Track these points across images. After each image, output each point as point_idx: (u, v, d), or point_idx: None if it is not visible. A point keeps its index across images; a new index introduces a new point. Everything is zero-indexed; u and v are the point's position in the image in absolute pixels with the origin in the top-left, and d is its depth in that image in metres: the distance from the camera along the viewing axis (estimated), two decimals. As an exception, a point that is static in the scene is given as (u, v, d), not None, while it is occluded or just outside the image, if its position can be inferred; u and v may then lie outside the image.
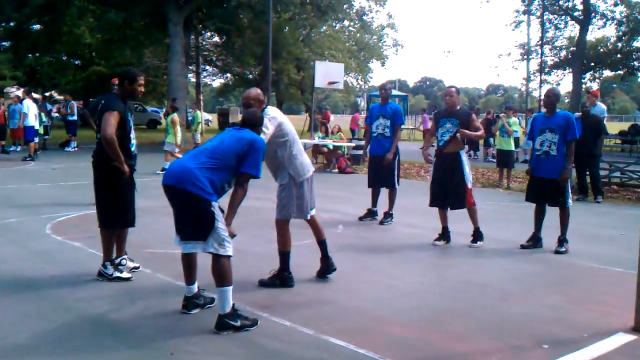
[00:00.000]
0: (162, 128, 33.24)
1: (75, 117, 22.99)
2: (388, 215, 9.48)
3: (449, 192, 7.87)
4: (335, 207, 10.90)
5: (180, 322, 4.82)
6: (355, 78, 54.09)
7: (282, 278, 5.94)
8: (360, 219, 9.66)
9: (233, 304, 4.71)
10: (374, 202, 9.68)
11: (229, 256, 4.75)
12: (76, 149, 22.38)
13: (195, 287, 5.16)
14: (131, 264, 6.21)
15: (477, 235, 7.92)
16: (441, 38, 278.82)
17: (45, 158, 18.78)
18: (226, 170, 4.81)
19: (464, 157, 7.89)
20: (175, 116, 15.90)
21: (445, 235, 7.95)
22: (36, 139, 19.40)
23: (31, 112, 19.30)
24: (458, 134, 7.76)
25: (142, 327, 4.73)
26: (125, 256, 6.16)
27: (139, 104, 43.64)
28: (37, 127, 19.59)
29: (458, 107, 8.03)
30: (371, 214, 9.66)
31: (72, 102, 23.85)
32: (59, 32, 30.48)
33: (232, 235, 4.87)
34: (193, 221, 4.71)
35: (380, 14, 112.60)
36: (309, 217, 6.12)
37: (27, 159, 18.13)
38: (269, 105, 6.02)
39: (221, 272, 4.70)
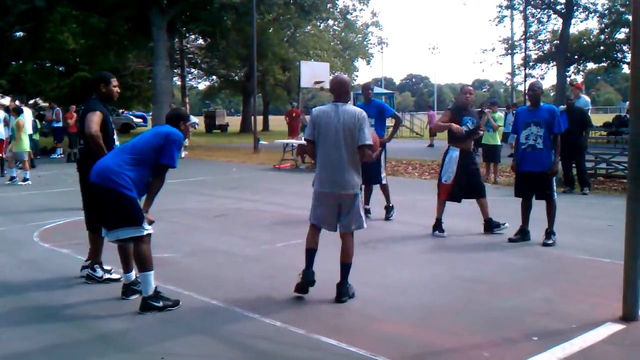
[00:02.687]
0: (136, 132, 33.17)
1: (60, 124, 22.84)
2: (390, 208, 9.50)
3: (470, 184, 8.29)
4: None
5: (171, 326, 4.81)
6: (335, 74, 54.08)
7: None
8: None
9: (156, 287, 5.15)
10: (366, 199, 9.46)
11: (149, 235, 5.16)
12: (62, 155, 22.27)
13: (132, 275, 5.51)
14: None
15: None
16: (426, 35, 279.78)
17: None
18: (147, 165, 5.18)
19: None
20: (20, 120, 14.76)
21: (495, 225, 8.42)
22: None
23: (28, 121, 19.15)
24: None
25: (132, 331, 4.72)
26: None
27: (113, 108, 43.44)
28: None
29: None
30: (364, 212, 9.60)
31: (58, 108, 23.70)
32: (42, 39, 30.28)
33: (151, 222, 5.24)
34: (114, 212, 5.11)
35: (364, 13, 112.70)
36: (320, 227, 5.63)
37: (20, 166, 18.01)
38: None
39: (142, 258, 5.09)
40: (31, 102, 37.77)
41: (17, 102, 19.53)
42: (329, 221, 5.55)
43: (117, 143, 6.04)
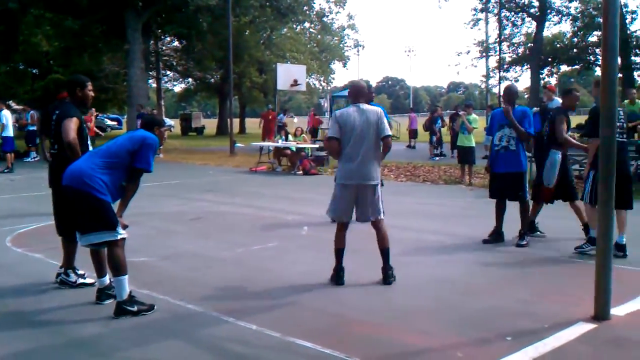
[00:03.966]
0: (109, 135, 32.90)
1: (35, 127, 22.58)
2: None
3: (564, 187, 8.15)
4: (301, 208, 10.93)
5: (146, 330, 4.79)
6: (318, 79, 54.27)
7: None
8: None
9: (130, 291, 5.13)
10: None
11: (123, 239, 5.13)
12: (36, 159, 22.00)
13: (106, 280, 5.49)
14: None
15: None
16: (402, 37, 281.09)
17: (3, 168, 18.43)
18: (121, 169, 5.15)
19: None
20: None
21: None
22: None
23: (10, 123, 18.98)
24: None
25: (106, 336, 4.69)
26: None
27: (83, 111, 43.02)
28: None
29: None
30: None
31: (32, 111, 23.41)
32: (16, 41, 29.93)
33: (125, 227, 5.21)
34: (88, 216, 5.07)
35: (340, 15, 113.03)
36: (342, 220, 6.15)
37: (6, 170, 17.93)
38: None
39: (116, 262, 5.05)
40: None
41: None
42: (348, 212, 6.07)
43: (90, 148, 6.00)
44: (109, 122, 49.31)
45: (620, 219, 6.82)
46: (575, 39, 37.77)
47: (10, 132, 18.95)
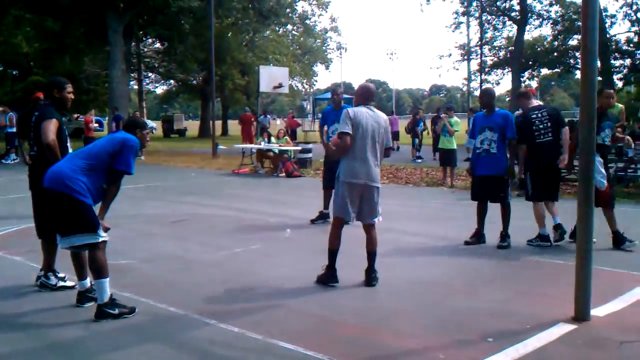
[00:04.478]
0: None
1: (14, 129, 22.33)
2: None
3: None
4: (284, 211, 10.91)
5: (127, 333, 4.76)
6: (301, 82, 54.32)
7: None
8: (312, 221, 9.60)
9: (111, 294, 5.09)
10: (326, 204, 9.38)
11: (105, 242, 5.09)
12: (16, 160, 21.79)
13: (87, 282, 5.45)
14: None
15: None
16: (384, 40, 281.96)
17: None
18: (101, 172, 5.12)
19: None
20: None
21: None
22: None
23: None
24: None
25: (87, 339, 4.65)
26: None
27: (64, 113, 42.79)
28: None
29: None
30: (323, 216, 9.58)
31: (11, 113, 23.17)
32: (-5, 42, 29.65)
33: (106, 229, 5.18)
34: (68, 219, 5.02)
35: (323, 18, 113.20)
36: (349, 221, 6.16)
37: None
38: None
39: (97, 265, 5.01)
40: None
41: None
42: (354, 210, 6.05)
43: (70, 150, 5.95)
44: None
45: (551, 210, 8.01)
46: (556, 43, 38.20)
47: None
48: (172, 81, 53.36)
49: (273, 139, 19.15)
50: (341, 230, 6.13)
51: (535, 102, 8.68)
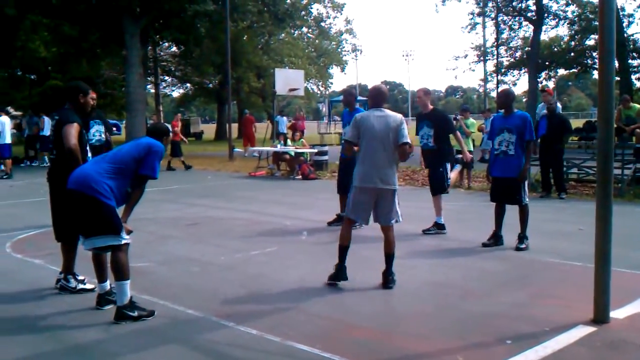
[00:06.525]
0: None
1: (47, 132, 22.48)
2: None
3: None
4: (300, 213, 10.93)
5: (146, 336, 4.79)
6: (316, 84, 54.28)
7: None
8: (329, 224, 9.58)
9: (131, 296, 5.13)
10: (343, 206, 9.22)
11: (127, 244, 5.15)
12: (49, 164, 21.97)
13: (107, 285, 5.50)
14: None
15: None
16: (400, 42, 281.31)
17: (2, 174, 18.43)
18: (126, 176, 5.19)
19: None
20: None
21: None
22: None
23: (7, 129, 18.97)
24: None
25: (106, 342, 4.69)
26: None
27: (84, 118, 43.00)
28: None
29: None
30: (340, 219, 9.52)
31: (44, 117, 23.36)
32: (13, 47, 29.93)
33: (129, 232, 5.24)
34: (92, 220, 5.07)
35: (338, 20, 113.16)
36: (359, 224, 6.44)
37: (4, 177, 18.03)
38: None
39: (119, 267, 5.05)
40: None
41: None
42: (365, 215, 6.15)
43: (89, 154, 6.00)
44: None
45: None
46: (573, 43, 37.91)
47: (6, 139, 18.91)
48: (188, 84, 53.62)
49: (289, 142, 19.18)
50: (352, 228, 6.25)
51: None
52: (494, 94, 35.51)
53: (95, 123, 9.50)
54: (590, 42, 36.31)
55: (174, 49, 44.19)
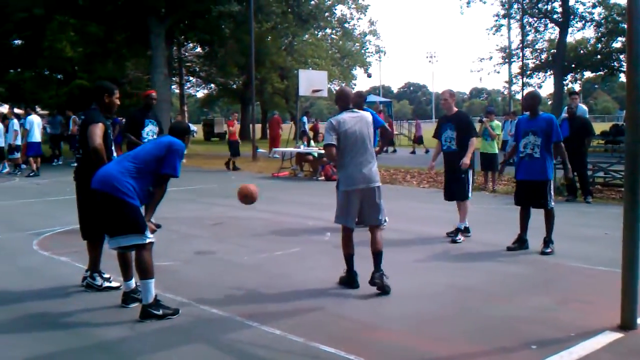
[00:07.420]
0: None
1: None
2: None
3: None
4: (322, 214, 10.91)
5: (170, 334, 4.82)
6: (339, 85, 54.22)
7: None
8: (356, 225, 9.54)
9: (155, 295, 5.18)
10: None
11: (152, 243, 5.20)
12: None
13: (132, 283, 5.55)
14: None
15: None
16: (424, 43, 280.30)
17: (29, 172, 18.68)
18: (149, 175, 5.23)
19: None
20: None
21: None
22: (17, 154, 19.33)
23: (36, 128, 19.27)
24: None
25: (131, 340, 4.73)
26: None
27: (108, 117, 43.43)
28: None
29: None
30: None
31: (74, 116, 23.68)
32: (41, 47, 30.32)
33: (153, 230, 5.30)
34: (116, 220, 5.12)
35: (362, 22, 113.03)
36: (351, 226, 6.18)
37: (31, 174, 18.33)
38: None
39: (144, 265, 5.10)
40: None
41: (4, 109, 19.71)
42: (354, 217, 6.09)
43: (115, 154, 6.07)
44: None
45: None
46: (599, 45, 37.48)
47: (35, 137, 19.20)
48: (212, 85, 53.94)
49: (312, 143, 19.19)
50: (351, 234, 6.15)
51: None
52: (518, 97, 35.21)
53: (150, 122, 9.34)
54: (617, 44, 35.89)
55: (199, 49, 44.46)
